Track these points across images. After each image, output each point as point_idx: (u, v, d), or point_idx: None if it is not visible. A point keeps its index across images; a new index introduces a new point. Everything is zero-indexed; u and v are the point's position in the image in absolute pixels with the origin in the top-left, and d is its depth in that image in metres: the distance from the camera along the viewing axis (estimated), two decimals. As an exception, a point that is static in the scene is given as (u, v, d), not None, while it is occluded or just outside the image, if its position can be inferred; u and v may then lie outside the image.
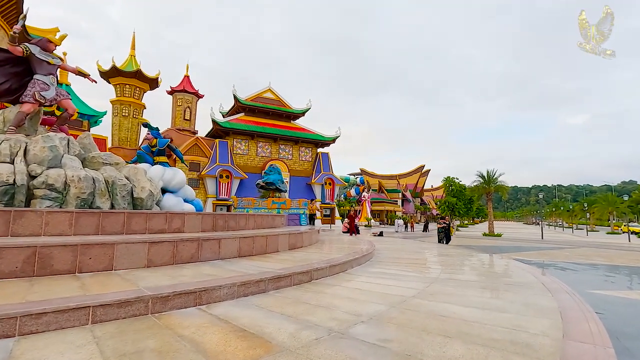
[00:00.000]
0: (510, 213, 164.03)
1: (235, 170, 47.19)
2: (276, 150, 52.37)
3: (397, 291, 4.83)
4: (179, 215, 6.83)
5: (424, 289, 5.00)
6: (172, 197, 11.71)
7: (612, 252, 17.11)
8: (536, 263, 12.10)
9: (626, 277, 9.84)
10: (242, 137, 50.48)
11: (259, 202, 15.13)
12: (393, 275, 6.22)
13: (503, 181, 30.48)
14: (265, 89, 54.55)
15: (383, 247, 12.46)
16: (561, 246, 20.58)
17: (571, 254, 15.68)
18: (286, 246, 7.75)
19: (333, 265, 5.96)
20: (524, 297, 4.59)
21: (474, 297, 4.51)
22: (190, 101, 52.93)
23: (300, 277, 5.07)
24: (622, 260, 13.50)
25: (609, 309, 5.70)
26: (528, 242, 24.00)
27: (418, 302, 4.20)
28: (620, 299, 6.51)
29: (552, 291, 5.01)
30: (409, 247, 13.11)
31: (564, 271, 10.58)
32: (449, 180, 42.55)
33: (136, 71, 46.02)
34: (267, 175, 15.90)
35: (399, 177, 77.35)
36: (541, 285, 5.50)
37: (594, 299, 6.42)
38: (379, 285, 5.22)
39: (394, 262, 8.15)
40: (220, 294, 3.96)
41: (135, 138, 48.87)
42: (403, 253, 10.47)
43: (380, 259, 8.79)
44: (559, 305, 4.19)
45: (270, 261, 6.09)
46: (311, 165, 53.94)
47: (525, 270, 7.13)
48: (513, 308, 4.01)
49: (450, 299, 4.39)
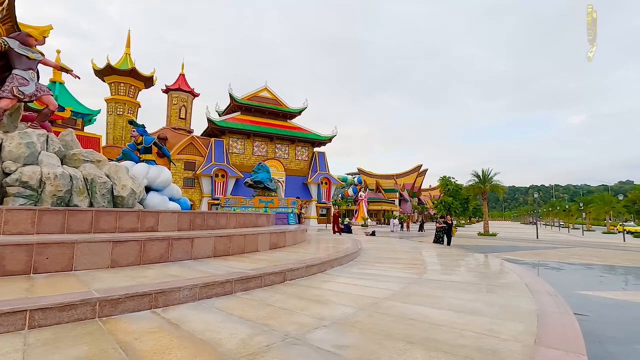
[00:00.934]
0: (508, 213, 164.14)
1: (230, 169, 46.93)
2: (272, 150, 52.14)
3: (372, 292, 4.62)
4: (153, 213, 6.60)
5: (401, 290, 4.79)
6: (157, 195, 11.47)
7: (606, 252, 16.96)
8: (527, 263, 11.94)
9: (617, 277, 9.68)
10: (238, 136, 50.22)
11: (246, 201, 14.90)
12: (373, 276, 6.01)
13: (498, 181, 30.35)
14: (262, 88, 54.30)
15: (372, 246, 12.25)
16: (555, 246, 20.43)
17: (564, 254, 15.52)
18: (267, 246, 7.53)
19: (310, 265, 5.74)
20: (503, 299, 4.39)
21: (451, 299, 4.31)
22: (186, 100, 52.63)
23: (272, 277, 4.85)
24: (615, 260, 13.34)
25: (595, 311, 5.51)
26: (523, 241, 23.86)
27: (390, 305, 3.99)
28: (608, 300, 6.33)
29: (535, 293, 4.80)
30: (399, 247, 12.90)
31: (554, 271, 10.40)
32: (445, 179, 42.42)
33: (131, 69, 45.67)
34: (256, 173, 15.67)
35: (396, 177, 77.24)
36: (524, 286, 5.30)
37: (582, 301, 6.24)
38: (355, 287, 5.01)
39: (378, 262, 7.94)
40: (180, 296, 3.74)
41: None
42: (391, 253, 10.26)
43: (366, 259, 8.58)
44: (538, 307, 3.98)
45: (245, 261, 5.87)
46: (307, 165, 53.75)
47: (511, 271, 6.94)
48: (489, 311, 3.81)
49: (425, 301, 4.18)
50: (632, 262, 12.95)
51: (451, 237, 16.11)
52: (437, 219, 17.27)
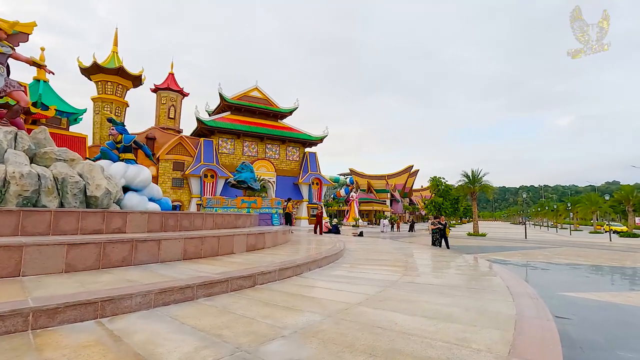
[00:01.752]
0: (498, 213, 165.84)
1: (220, 169, 46.40)
2: (263, 150, 51.73)
3: (345, 297, 4.37)
4: (120, 214, 6.25)
5: (376, 295, 4.55)
6: (135, 195, 11.08)
7: (592, 252, 16.99)
8: (513, 263, 11.82)
9: (602, 277, 9.58)
10: (227, 136, 49.70)
11: (228, 201, 14.51)
12: (351, 279, 5.76)
13: (487, 181, 30.42)
14: (252, 88, 53.85)
15: (357, 247, 12.02)
16: (543, 246, 20.45)
17: (551, 254, 15.47)
18: (243, 248, 7.23)
19: (285, 268, 5.47)
20: (482, 303, 4.17)
21: (427, 304, 4.07)
22: (175, 99, 51.90)
23: (240, 282, 4.57)
24: (600, 260, 13.31)
25: (578, 314, 5.33)
26: (511, 241, 23.89)
27: (361, 311, 3.74)
28: (591, 302, 6.17)
29: (516, 296, 4.60)
30: (384, 247, 12.69)
31: (539, 272, 10.28)
32: (435, 180, 42.50)
33: (118, 68, 44.82)
34: (239, 173, 15.27)
35: (387, 177, 77.35)
36: (506, 289, 5.10)
37: (565, 303, 6.07)
38: (329, 291, 4.75)
39: (360, 264, 7.70)
40: (131, 303, 3.44)
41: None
42: (374, 254, 10.04)
43: (348, 260, 8.34)
44: (518, 312, 3.77)
45: (216, 264, 5.57)
46: (298, 165, 53.45)
47: (494, 273, 6.75)
48: (465, 317, 3.58)
49: (399, 307, 3.94)
50: (617, 261, 12.93)
51: (447, 239, 15.15)
52: (432, 220, 16.45)
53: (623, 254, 15.99)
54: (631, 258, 14.28)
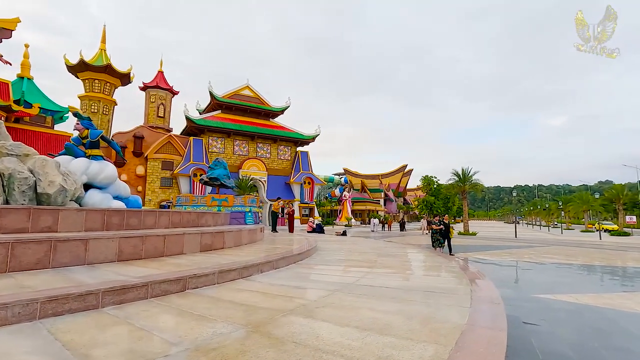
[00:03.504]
0: (492, 212, 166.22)
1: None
2: (254, 149, 51.11)
3: (279, 303, 3.84)
4: (50, 211, 5.69)
5: (318, 300, 4.03)
6: (98, 193, 10.49)
7: (580, 250, 16.60)
8: (495, 263, 11.36)
9: (585, 277, 9.13)
10: (217, 135, 49.03)
11: (198, 199, 13.90)
12: (302, 281, 5.25)
13: (478, 179, 30.05)
14: (243, 86, 53.22)
15: (332, 247, 11.50)
16: (531, 245, 20.06)
17: (537, 253, 15.05)
18: (196, 247, 6.68)
19: (227, 270, 4.93)
20: (432, 310, 3.66)
21: (369, 312, 3.56)
22: (164, 98, 51.11)
23: (165, 286, 4.03)
24: (586, 259, 12.91)
25: (550, 319, 4.85)
26: (500, 240, 23.50)
27: (287, 320, 3.22)
28: (568, 305, 5.70)
29: (475, 301, 4.10)
30: (362, 247, 12.17)
31: (520, 272, 9.84)
32: (427, 179, 42.13)
33: (106, 65, 43.95)
34: (212, 169, 14.62)
35: (381, 177, 77.02)
36: (469, 292, 4.60)
37: (540, 306, 5.59)
38: (266, 296, 4.22)
39: (324, 264, 7.19)
40: (7, 315, 2.89)
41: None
42: (346, 254, 9.53)
43: (314, 261, 7.82)
44: (469, 321, 3.27)
45: (152, 266, 5.02)
46: (290, 164, 52.88)
47: (465, 274, 6.26)
48: (404, 327, 3.06)
49: (334, 315, 3.43)
50: (603, 260, 12.52)
51: (450, 242, 13.18)
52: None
53: (611, 253, 15.61)
54: (619, 257, 13.89)
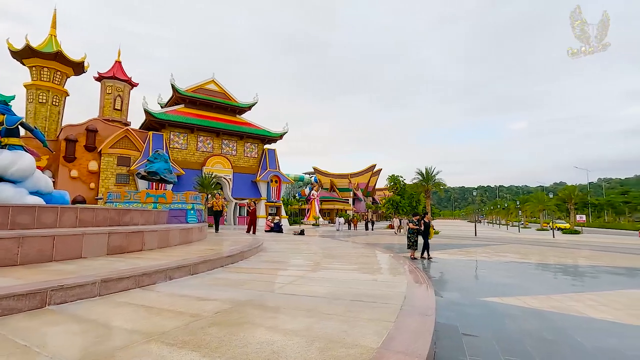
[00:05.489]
0: (457, 212, 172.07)
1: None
2: (219, 146, 49.30)
3: (153, 323, 3.02)
4: None
5: (213, 315, 3.26)
6: (10, 187, 9.10)
7: (534, 249, 16.87)
8: (449, 262, 11.02)
9: (536, 276, 8.91)
10: (180, 130, 46.85)
11: (130, 195, 12.61)
12: (215, 288, 4.44)
13: (441, 179, 30.40)
14: (209, 80, 51.28)
15: (282, 248, 10.75)
16: (489, 243, 20.28)
17: (493, 251, 15.06)
18: (102, 250, 5.68)
19: (116, 278, 4.02)
20: (346, 328, 2.98)
21: (266, 333, 2.82)
22: (122, 89, 48.12)
23: (10, 303, 3.08)
24: (539, 258, 12.96)
25: (491, 327, 4.34)
26: (460, 239, 23.72)
27: (142, 351, 2.40)
28: (514, 310, 5.26)
29: (403, 313, 3.48)
30: (315, 247, 11.51)
31: (472, 272, 9.50)
32: (393, 178, 42.34)
33: (56, 53, 40.66)
34: (151, 163, 13.31)
35: (350, 176, 77.19)
36: (401, 301, 3.99)
37: (483, 312, 5.10)
38: (148, 311, 3.37)
39: (255, 268, 6.41)
40: None
41: (55, 128, 43.40)
42: (291, 255, 8.82)
43: (248, 264, 7.01)
44: (384, 344, 2.62)
45: (16, 275, 4.02)
46: (257, 162, 51.52)
47: (405, 278, 5.70)
48: (298, 357, 2.34)
49: (218, 338, 2.66)
50: (555, 259, 12.60)
51: (429, 243, 11.94)
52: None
53: (563, 251, 15.93)
54: (570, 255, 14.11)
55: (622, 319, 4.90)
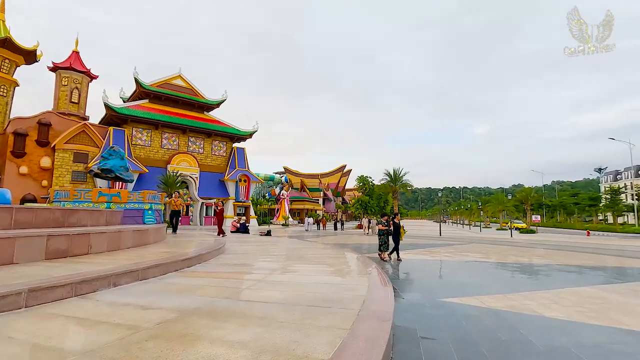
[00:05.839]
0: (424, 212, 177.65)
1: (133, 163, 41.51)
2: (185, 143, 47.62)
3: (82, 338, 2.69)
4: None
5: (155, 326, 2.97)
6: None
7: (494, 248, 17.59)
8: (412, 262, 11.18)
9: (494, 275, 9.20)
10: (143, 126, 44.80)
11: (81, 194, 11.73)
12: (164, 295, 4.12)
13: (408, 180, 31.08)
14: (175, 75, 49.37)
15: (246, 249, 10.43)
16: (452, 243, 20.93)
17: (456, 251, 15.52)
18: (40, 254, 5.13)
19: (47, 287, 3.60)
20: (298, 337, 2.81)
21: (209, 346, 2.59)
22: (80, 81, 45.21)
23: None
24: (498, 257, 13.47)
25: (449, 329, 4.33)
26: (425, 238, 24.33)
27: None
28: (472, 310, 5.33)
29: (360, 319, 3.36)
30: (280, 249, 11.28)
31: (434, 272, 9.67)
32: (362, 179, 42.81)
33: (4, 39, 37.51)
34: (105, 159, 12.39)
35: (321, 177, 77.33)
36: (359, 305, 3.88)
37: (442, 313, 5.12)
38: (80, 324, 3.03)
39: (213, 271, 6.10)
40: None
41: (2, 120, 40.07)
42: (254, 257, 8.56)
43: (207, 267, 6.68)
44: (335, 355, 2.46)
45: None
46: (225, 161, 50.28)
47: (366, 281, 5.62)
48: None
49: (155, 353, 2.39)
50: (513, 257, 13.13)
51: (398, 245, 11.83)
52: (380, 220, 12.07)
53: (520, 250, 16.70)
54: (526, 254, 14.78)
55: (571, 316, 5.08)
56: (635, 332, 4.38)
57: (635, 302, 6.20)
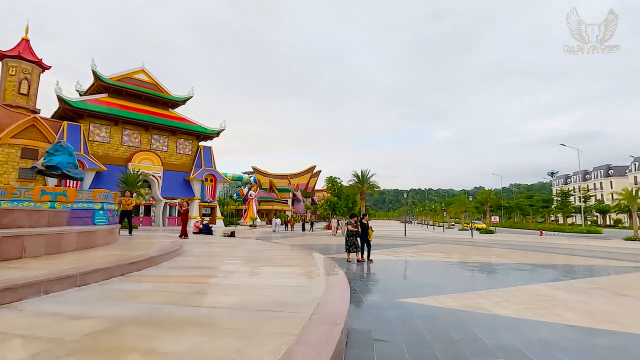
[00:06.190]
0: (391, 213, 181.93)
1: (89, 160, 39.20)
2: (148, 141, 45.59)
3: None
4: None
5: (82, 338, 2.68)
6: None
7: (455, 247, 18.19)
8: (375, 263, 11.28)
9: (453, 275, 9.43)
10: (102, 121, 42.43)
11: (20, 192, 10.77)
12: (101, 303, 3.79)
13: (375, 181, 31.56)
14: (137, 69, 47.14)
15: (206, 251, 10.05)
16: (416, 243, 21.45)
17: (419, 251, 15.88)
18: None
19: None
20: (241, 346, 2.64)
21: (140, 359, 2.34)
22: (30, 72, 41.99)
23: None
24: (458, 256, 13.91)
25: (404, 330, 4.31)
26: (391, 239, 24.78)
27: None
28: (429, 310, 5.37)
29: (311, 323, 3.24)
30: (241, 250, 10.98)
31: (395, 272, 9.75)
32: (331, 179, 42.98)
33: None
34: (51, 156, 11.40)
35: (290, 177, 76.87)
36: (313, 308, 3.75)
37: (399, 314, 5.11)
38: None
39: (164, 275, 5.77)
40: None
41: None
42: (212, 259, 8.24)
43: (158, 271, 6.31)
44: (278, 359, 2.30)
45: None
46: (191, 160, 48.66)
47: (323, 282, 5.53)
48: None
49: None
50: (473, 257, 13.61)
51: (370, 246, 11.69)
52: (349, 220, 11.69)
53: (479, 249, 17.37)
54: (484, 253, 15.38)
55: (520, 313, 5.26)
56: (576, 327, 4.60)
57: (577, 298, 6.55)
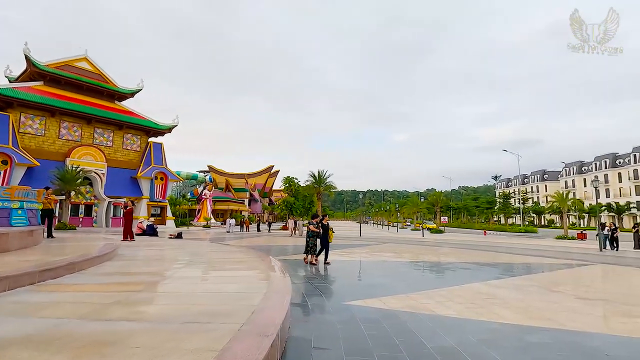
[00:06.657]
0: (349, 213, 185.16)
1: (19, 154, 35.30)
2: (90, 135, 42.08)
3: None
4: None
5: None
6: None
7: (407, 247, 18.68)
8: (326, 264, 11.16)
9: (402, 275, 9.53)
10: (36, 112, 38.47)
11: None
12: None
13: (332, 182, 31.70)
14: (80, 57, 43.41)
15: (144, 254, 9.31)
16: (369, 243, 21.77)
17: (372, 251, 16.06)
18: None
19: None
20: None
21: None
22: (-53, 52, 36.84)
23: None
24: (409, 256, 14.24)
25: (345, 336, 4.13)
26: (346, 239, 24.95)
27: None
28: (373, 312, 5.27)
29: (240, 334, 2.93)
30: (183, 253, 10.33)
31: (345, 273, 9.64)
32: (288, 179, 42.55)
33: None
34: None
35: (247, 177, 75.17)
36: (245, 317, 3.44)
37: (342, 318, 4.93)
38: None
39: (85, 283, 5.12)
40: None
41: None
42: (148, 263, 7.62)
43: (80, 278, 5.62)
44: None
45: None
46: (139, 156, 45.65)
47: (264, 286, 5.23)
48: None
49: None
50: (423, 256, 13.99)
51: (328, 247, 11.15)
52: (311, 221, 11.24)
53: (429, 249, 17.99)
54: (433, 252, 15.91)
55: (462, 313, 5.33)
56: (512, 325, 4.72)
57: (514, 296, 6.85)
